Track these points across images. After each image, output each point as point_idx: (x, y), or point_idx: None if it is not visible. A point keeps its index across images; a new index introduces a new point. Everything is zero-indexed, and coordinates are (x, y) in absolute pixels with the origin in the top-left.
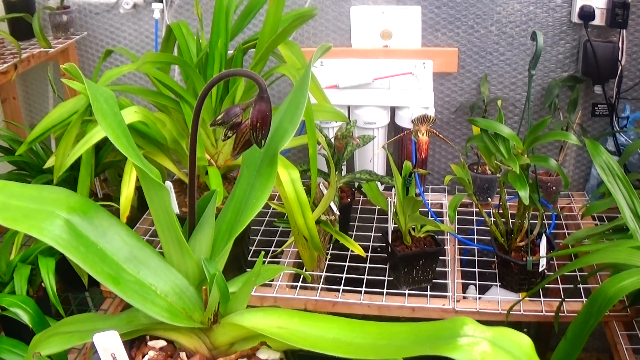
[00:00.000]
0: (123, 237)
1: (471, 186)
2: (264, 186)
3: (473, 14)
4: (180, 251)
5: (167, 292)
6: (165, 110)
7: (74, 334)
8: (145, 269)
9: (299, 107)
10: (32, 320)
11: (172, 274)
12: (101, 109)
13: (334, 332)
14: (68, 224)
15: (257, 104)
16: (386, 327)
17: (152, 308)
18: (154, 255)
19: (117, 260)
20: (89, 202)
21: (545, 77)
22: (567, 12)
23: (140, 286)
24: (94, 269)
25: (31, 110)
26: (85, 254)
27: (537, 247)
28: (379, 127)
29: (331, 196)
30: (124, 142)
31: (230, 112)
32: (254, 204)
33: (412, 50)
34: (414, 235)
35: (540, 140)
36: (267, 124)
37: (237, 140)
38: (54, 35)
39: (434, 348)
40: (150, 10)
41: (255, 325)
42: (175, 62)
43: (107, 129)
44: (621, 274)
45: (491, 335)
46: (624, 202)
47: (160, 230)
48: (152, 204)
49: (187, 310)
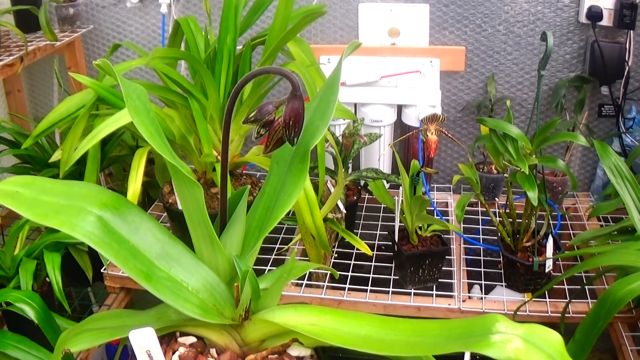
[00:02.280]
0: (155, 233)
1: (479, 186)
2: (296, 183)
3: (481, 13)
4: (212, 248)
5: (199, 289)
6: (173, 106)
7: (104, 330)
8: (177, 266)
9: (329, 105)
10: (37, 315)
11: (203, 270)
12: (134, 106)
13: (366, 329)
14: (100, 220)
15: (291, 102)
16: (418, 324)
17: (183, 304)
18: (186, 251)
19: (149, 256)
20: (121, 199)
21: (552, 77)
22: (575, 12)
23: (172, 282)
24: (126, 265)
25: (36, 104)
26: (117, 251)
27: (544, 248)
28: (385, 125)
29: (338, 194)
30: (157, 139)
31: (263, 110)
32: (286, 200)
33: (420, 49)
34: (421, 235)
35: (549, 141)
36: (300, 122)
37: (269, 138)
38: (60, 28)
39: (466, 345)
40: (157, 5)
41: (287, 322)
42: (184, 57)
43: (141, 126)
44: (630, 276)
45: (523, 332)
46: (632, 204)
47: (192, 226)
48: (184, 201)
49: (218, 306)
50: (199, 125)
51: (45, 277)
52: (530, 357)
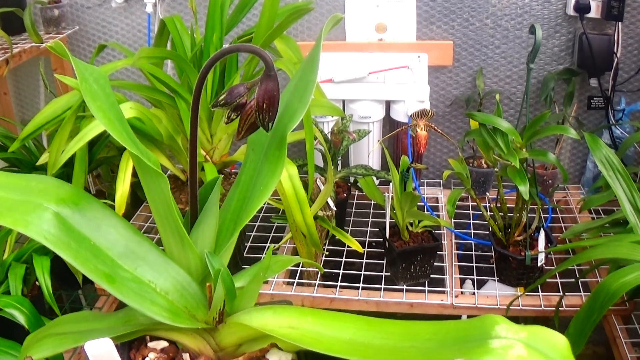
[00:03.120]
0: (119, 230)
1: (469, 181)
2: (273, 171)
3: (468, 7)
4: (182, 244)
5: (168, 290)
6: (160, 106)
7: (67, 335)
8: (143, 265)
9: (309, 84)
10: (28, 321)
11: (172, 269)
12: (90, 90)
13: (351, 332)
14: (57, 217)
15: (264, 82)
16: (408, 326)
17: (151, 307)
18: (153, 249)
19: (112, 255)
20: (81, 193)
21: (540, 70)
22: (563, 5)
23: (138, 284)
24: (86, 266)
25: (22, 106)
26: (76, 250)
27: (535, 241)
28: (374, 121)
29: (328, 191)
30: (117, 126)
31: (233, 92)
32: (262, 191)
33: (407, 44)
34: (412, 231)
35: (539, 135)
36: (274, 104)
37: (241, 123)
38: (46, 29)
39: (462, 352)
40: (143, 4)
41: (265, 326)
42: (171, 57)
43: (98, 112)
44: (623, 269)
45: (525, 336)
46: (624, 196)
47: (160, 221)
48: (149, 193)
49: (190, 308)
50: (186, 125)
51: (35, 281)
52: None
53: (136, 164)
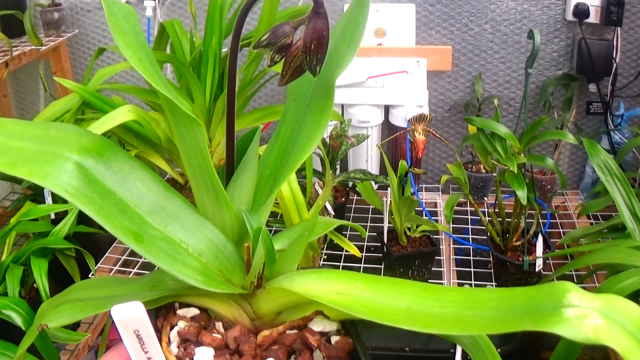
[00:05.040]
0: (147, 184)
1: (467, 186)
2: (317, 123)
3: (467, 12)
4: (217, 201)
5: (201, 251)
6: (159, 109)
7: (88, 302)
8: (174, 223)
9: (358, 26)
10: (25, 322)
11: (206, 228)
12: (119, 27)
13: (406, 299)
14: (80, 168)
15: (312, 20)
16: (470, 293)
17: (182, 270)
18: (186, 206)
19: (140, 212)
20: (106, 142)
21: (539, 75)
22: (562, 10)
23: (169, 243)
24: (111, 222)
25: (22, 109)
26: (100, 205)
27: (533, 247)
28: (373, 125)
29: (326, 196)
30: (147, 67)
31: (278, 31)
32: (306, 143)
33: (406, 49)
34: (410, 235)
35: (537, 140)
36: (324, 46)
37: (285, 66)
38: (46, 32)
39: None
40: (142, 8)
41: (309, 291)
42: (170, 60)
43: (127, 49)
44: (621, 274)
45: (600, 304)
46: (622, 201)
47: (193, 176)
48: (183, 144)
49: (225, 272)
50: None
51: (32, 283)
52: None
53: (168, 111)
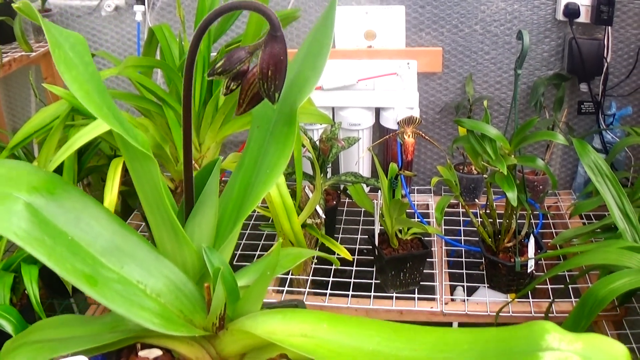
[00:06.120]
0: (102, 222)
1: (458, 187)
2: (281, 152)
3: (457, 13)
4: (176, 238)
5: (160, 291)
6: (148, 115)
7: (45, 344)
8: (131, 262)
9: (322, 48)
10: (15, 330)
11: (165, 267)
12: (65, 59)
13: (375, 341)
14: (29, 209)
15: (268, 45)
16: (441, 334)
17: (139, 313)
18: (142, 244)
19: (94, 252)
20: (57, 179)
21: (530, 75)
22: (552, 10)
23: (125, 285)
24: (62, 266)
25: (14, 115)
26: (51, 248)
27: (525, 248)
28: (363, 128)
29: (317, 200)
30: (95, 100)
31: (233, 58)
32: (269, 174)
33: (396, 51)
34: (401, 238)
35: (528, 141)
36: (281, 71)
37: (242, 94)
38: (36, 38)
39: None
40: (132, 13)
41: (272, 334)
42: (158, 65)
43: (73, 83)
44: (611, 275)
45: (582, 347)
46: (612, 201)
47: (150, 212)
48: (137, 180)
49: (186, 312)
50: (174, 134)
51: (24, 290)
52: None
53: (121, 145)
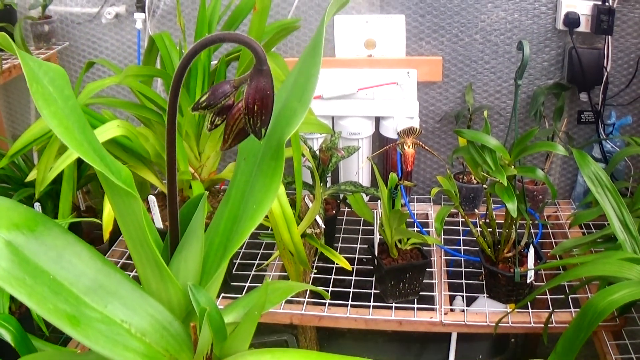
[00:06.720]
0: (84, 259)
1: (457, 197)
2: (268, 186)
3: (457, 23)
4: (160, 276)
5: (145, 330)
6: (149, 124)
7: None
8: (114, 301)
9: (310, 79)
10: (14, 339)
11: (150, 305)
12: (43, 93)
13: None
14: (9, 247)
15: (254, 79)
16: None
17: (123, 354)
18: (126, 282)
19: (77, 291)
20: (38, 216)
21: (530, 85)
22: (552, 19)
23: (108, 325)
24: (44, 306)
25: (13, 122)
26: (32, 287)
27: (525, 258)
28: (363, 137)
29: (316, 209)
30: (76, 136)
31: (217, 92)
32: (255, 210)
33: (397, 60)
34: (400, 248)
35: (528, 152)
36: (268, 106)
37: (227, 129)
38: (36, 45)
39: None
40: (133, 21)
41: None
42: (158, 75)
43: (52, 119)
44: (611, 287)
45: None
46: (612, 212)
47: (134, 249)
48: (120, 217)
49: (172, 351)
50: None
51: None
52: None
53: (103, 181)
